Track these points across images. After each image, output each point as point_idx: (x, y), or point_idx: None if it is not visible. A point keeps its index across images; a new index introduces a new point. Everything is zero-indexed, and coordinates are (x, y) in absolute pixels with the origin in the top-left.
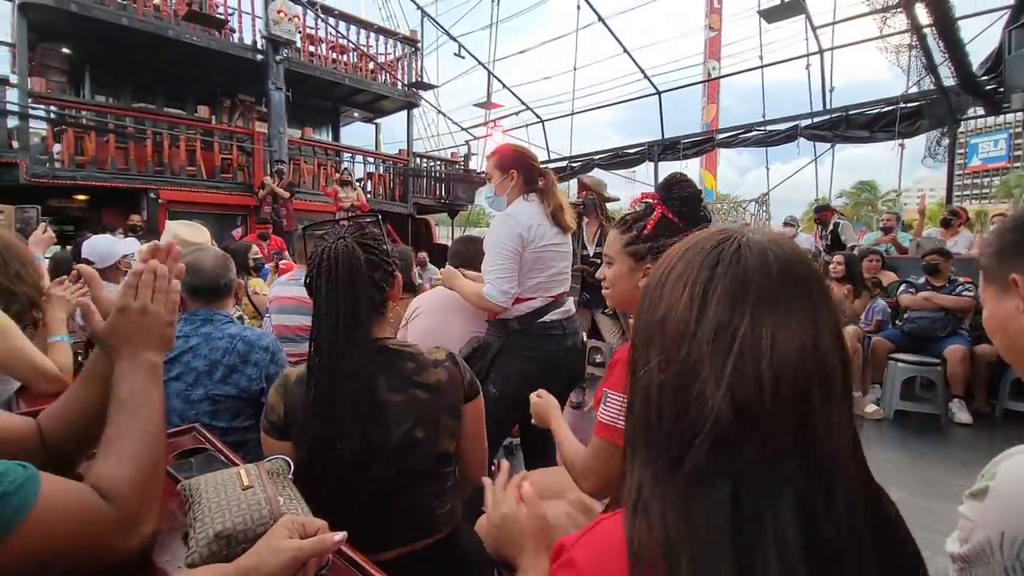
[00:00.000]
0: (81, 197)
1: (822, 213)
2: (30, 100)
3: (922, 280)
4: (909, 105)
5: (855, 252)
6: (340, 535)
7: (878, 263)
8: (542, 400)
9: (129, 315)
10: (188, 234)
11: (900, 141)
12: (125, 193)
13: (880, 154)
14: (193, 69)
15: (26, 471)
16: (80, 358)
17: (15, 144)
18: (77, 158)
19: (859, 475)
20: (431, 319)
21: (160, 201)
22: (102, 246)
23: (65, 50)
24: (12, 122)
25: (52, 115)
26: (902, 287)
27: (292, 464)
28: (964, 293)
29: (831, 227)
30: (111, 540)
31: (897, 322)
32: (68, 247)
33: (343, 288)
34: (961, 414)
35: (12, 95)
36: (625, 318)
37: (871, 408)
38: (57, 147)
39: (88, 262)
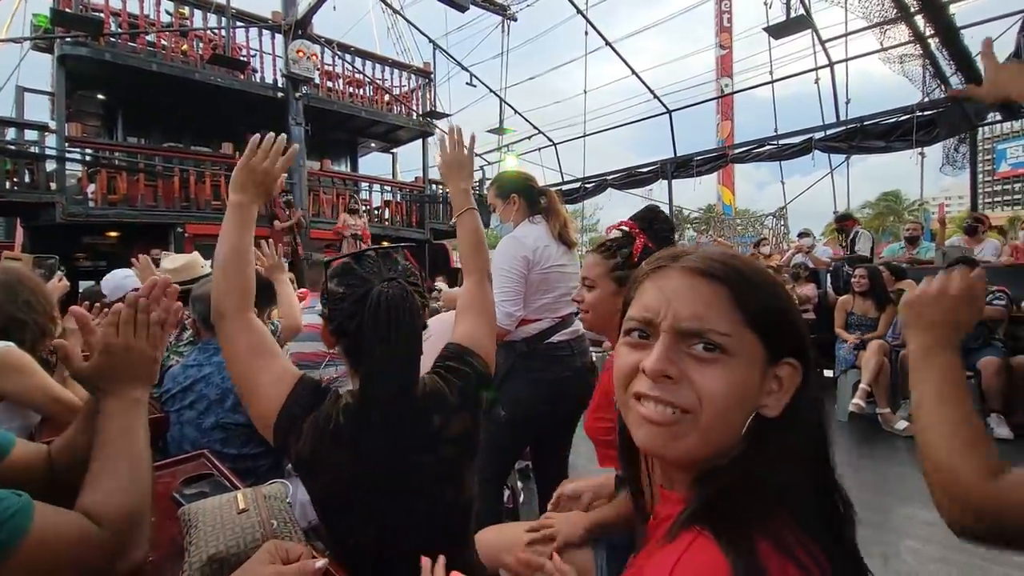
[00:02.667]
0: (113, 234)
1: (844, 222)
2: (67, 144)
3: None
4: (925, 114)
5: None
6: (321, 562)
7: (885, 274)
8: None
9: (113, 354)
10: (167, 263)
11: (920, 150)
12: (154, 228)
13: (904, 163)
14: (218, 109)
15: (20, 499)
16: None
17: (53, 186)
18: (109, 197)
19: None
20: (439, 343)
21: (186, 235)
22: (114, 280)
23: (100, 96)
24: (50, 165)
25: (87, 157)
26: None
27: (291, 487)
28: (995, 302)
29: (851, 235)
30: (102, 565)
31: None
32: (75, 306)
33: (401, 340)
34: (1000, 429)
35: (51, 140)
36: None
37: (902, 424)
38: (91, 187)
39: (103, 297)
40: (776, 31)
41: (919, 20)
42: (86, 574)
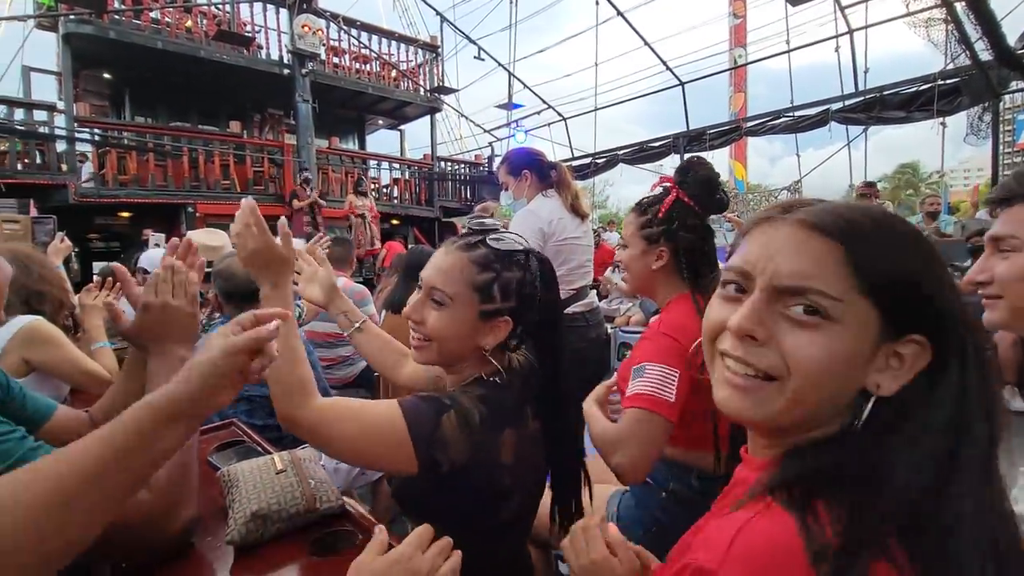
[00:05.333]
0: (125, 214)
1: (870, 188)
2: (76, 125)
3: (968, 263)
4: (948, 82)
5: None
6: (274, 323)
7: None
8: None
9: (152, 312)
10: (206, 239)
11: (941, 120)
12: (165, 208)
13: (922, 135)
14: (224, 86)
15: None
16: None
17: (64, 167)
18: (120, 177)
19: None
20: None
21: (197, 214)
22: (157, 257)
23: (106, 75)
24: (61, 146)
25: (96, 138)
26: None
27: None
28: None
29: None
30: (151, 525)
31: None
32: (114, 262)
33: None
34: (1015, 402)
35: (60, 120)
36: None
37: None
38: (90, 168)
39: (145, 272)
40: None
41: None
42: (134, 533)
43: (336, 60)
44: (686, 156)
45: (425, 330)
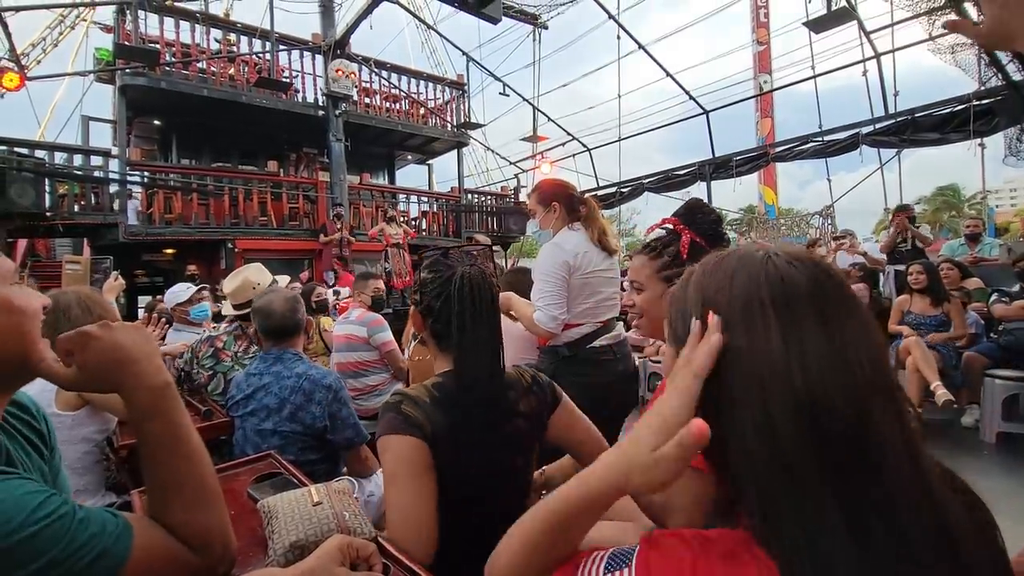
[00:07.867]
0: (169, 251)
1: (908, 213)
2: (128, 168)
3: (1016, 288)
4: (984, 102)
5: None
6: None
7: (954, 272)
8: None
9: (102, 342)
10: (254, 276)
11: (979, 141)
12: (207, 245)
13: (961, 155)
14: (263, 128)
15: (117, 520)
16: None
17: (116, 207)
18: (166, 216)
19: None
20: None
21: (237, 250)
22: (171, 292)
23: (156, 122)
24: (113, 188)
25: (145, 180)
26: (994, 296)
27: (355, 485)
28: None
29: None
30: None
31: (992, 335)
32: (158, 296)
33: (486, 312)
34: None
35: (113, 165)
36: None
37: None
38: (139, 205)
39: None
40: (816, 25)
41: (968, 7)
42: None
43: (367, 100)
44: (722, 191)
45: None
